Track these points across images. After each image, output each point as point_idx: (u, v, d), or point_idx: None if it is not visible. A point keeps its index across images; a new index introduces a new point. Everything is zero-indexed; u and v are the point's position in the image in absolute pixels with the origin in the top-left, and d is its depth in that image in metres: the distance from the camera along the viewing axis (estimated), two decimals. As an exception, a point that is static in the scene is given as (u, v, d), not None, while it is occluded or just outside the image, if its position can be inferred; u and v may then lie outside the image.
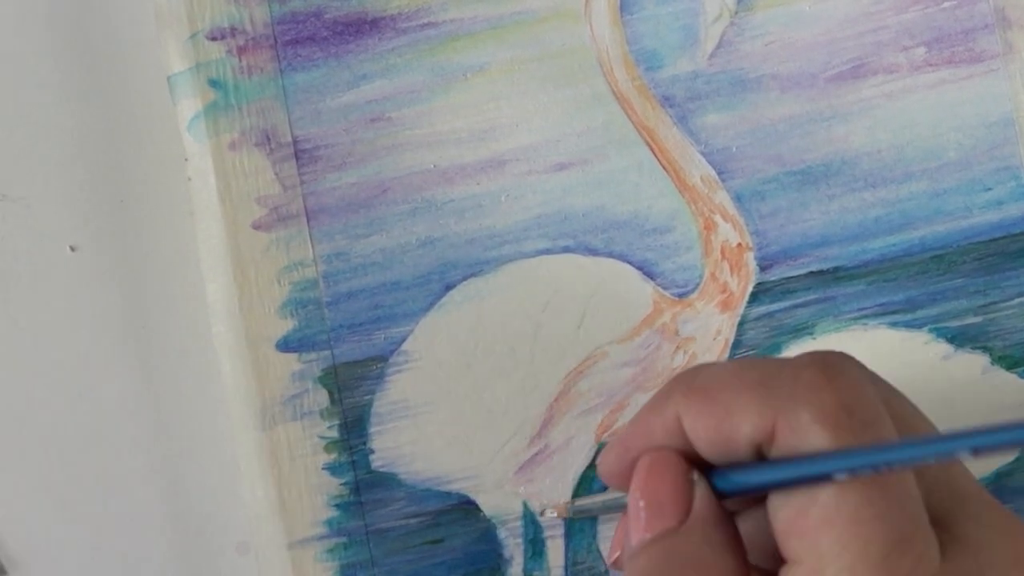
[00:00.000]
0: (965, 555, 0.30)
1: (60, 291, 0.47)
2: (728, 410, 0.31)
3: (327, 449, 0.45)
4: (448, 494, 0.45)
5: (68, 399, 0.47)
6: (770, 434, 0.30)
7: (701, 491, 0.33)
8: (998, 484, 0.45)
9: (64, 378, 0.47)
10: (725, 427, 0.31)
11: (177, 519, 0.47)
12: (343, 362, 0.45)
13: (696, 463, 0.33)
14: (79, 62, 0.47)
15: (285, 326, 0.45)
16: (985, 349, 0.46)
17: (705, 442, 0.32)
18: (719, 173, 0.46)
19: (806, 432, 0.30)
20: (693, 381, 0.32)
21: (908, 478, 0.30)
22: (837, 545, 0.29)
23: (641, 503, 0.33)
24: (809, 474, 0.30)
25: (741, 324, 0.46)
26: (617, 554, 0.35)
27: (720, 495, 0.33)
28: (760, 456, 0.31)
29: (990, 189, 0.46)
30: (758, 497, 0.32)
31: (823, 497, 0.29)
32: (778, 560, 0.31)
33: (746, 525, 0.34)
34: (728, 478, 0.33)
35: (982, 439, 0.28)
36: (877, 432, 0.30)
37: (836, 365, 0.31)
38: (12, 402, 0.46)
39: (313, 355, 0.45)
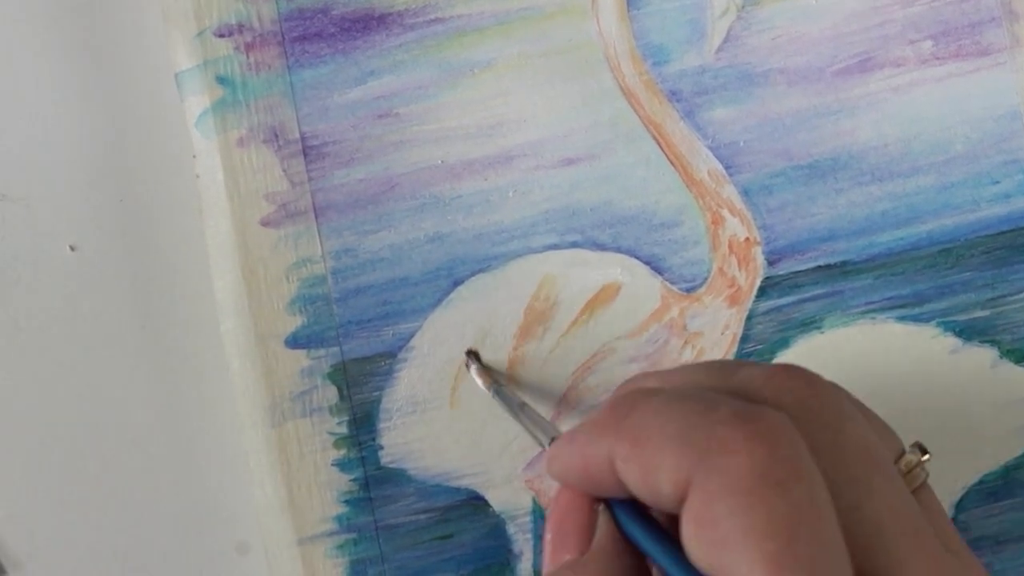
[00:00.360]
0: None
1: (60, 291, 0.47)
2: (651, 464, 0.30)
3: (336, 445, 0.45)
4: (457, 490, 0.45)
5: (68, 400, 0.47)
6: (686, 493, 0.29)
7: (603, 524, 0.33)
8: (1007, 478, 0.45)
9: (64, 379, 0.47)
10: (650, 480, 0.30)
11: (177, 519, 0.47)
12: (352, 358, 0.45)
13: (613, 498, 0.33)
14: (84, 60, 0.47)
15: (294, 322, 0.45)
16: (993, 343, 0.46)
17: (636, 488, 0.31)
18: (726, 167, 0.46)
19: (713, 499, 0.28)
20: (622, 423, 0.31)
21: (828, 544, 0.28)
22: None
23: (548, 535, 0.33)
24: None
25: (749, 318, 0.46)
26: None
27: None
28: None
29: (998, 182, 0.46)
30: None
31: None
32: None
33: None
34: (628, 525, 0.32)
35: None
36: (787, 499, 0.28)
37: (756, 418, 0.29)
38: (12, 402, 0.46)
39: (322, 351, 0.45)
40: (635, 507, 0.32)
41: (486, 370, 0.45)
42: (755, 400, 0.31)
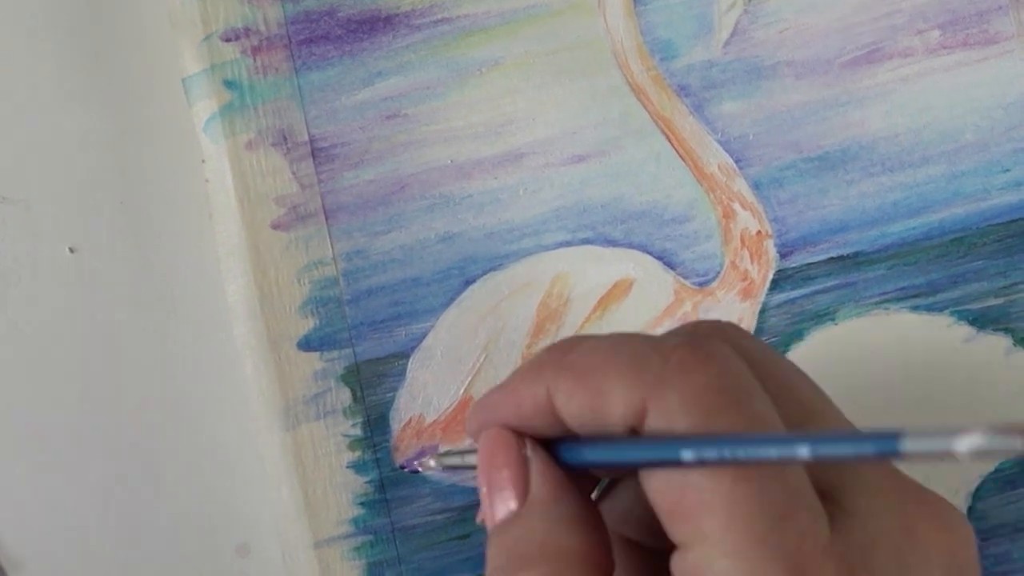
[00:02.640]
0: (854, 526, 0.29)
1: (59, 293, 0.47)
2: (599, 391, 0.30)
3: (351, 447, 0.45)
4: (474, 489, 0.45)
5: (68, 402, 0.46)
6: (641, 416, 0.29)
7: (537, 469, 0.32)
8: (1023, 466, 0.46)
9: (64, 381, 0.47)
10: (597, 407, 0.30)
11: (177, 521, 0.47)
12: (365, 359, 0.45)
13: (544, 438, 0.32)
14: (89, 65, 0.47)
15: (306, 325, 0.45)
16: (1007, 330, 0.46)
17: (578, 420, 0.31)
18: (736, 161, 0.46)
19: (674, 415, 0.29)
20: (565, 357, 0.31)
21: None
22: (719, 529, 0.28)
23: (483, 488, 0.33)
24: (658, 458, 0.29)
25: (762, 312, 0.46)
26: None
27: (572, 468, 0.32)
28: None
29: (1008, 170, 0.46)
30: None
31: (696, 478, 0.28)
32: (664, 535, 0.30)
33: (629, 494, 0.34)
34: (575, 452, 0.32)
35: (831, 447, 0.26)
36: (747, 412, 0.29)
37: (706, 345, 0.30)
38: (12, 403, 0.46)
39: (335, 353, 0.45)
40: (571, 439, 0.32)
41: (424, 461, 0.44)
42: None
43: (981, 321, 0.46)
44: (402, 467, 0.45)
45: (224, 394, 0.47)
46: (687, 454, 0.28)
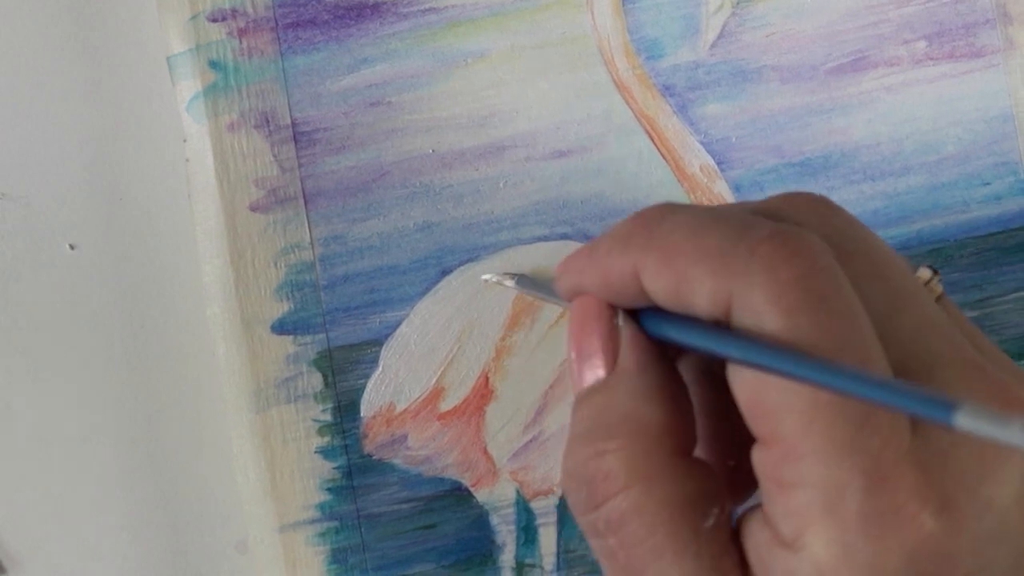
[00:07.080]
0: (933, 432, 0.28)
1: (59, 290, 0.47)
2: (685, 276, 0.30)
3: (320, 432, 0.45)
4: (441, 480, 0.45)
5: (68, 399, 0.46)
6: (726, 309, 0.29)
7: (626, 338, 0.32)
8: None
9: (64, 378, 0.46)
10: (682, 293, 0.30)
11: (177, 518, 0.47)
12: (338, 345, 0.45)
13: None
14: (80, 53, 0.47)
15: (281, 308, 0.45)
16: (981, 344, 0.46)
17: (663, 298, 0.31)
18: (718, 163, 0.46)
19: (760, 313, 0.28)
20: (653, 232, 0.31)
21: (872, 349, 0.29)
22: (799, 432, 0.28)
23: (573, 354, 0.33)
24: (743, 358, 0.29)
25: (737, 314, 0.45)
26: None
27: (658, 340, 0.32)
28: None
29: (988, 184, 0.46)
30: None
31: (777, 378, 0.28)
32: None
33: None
34: (659, 325, 0.32)
35: (887, 396, 0.27)
36: (830, 312, 0.28)
37: (793, 239, 0.29)
38: (12, 401, 0.46)
39: (308, 338, 0.45)
40: (659, 311, 0.32)
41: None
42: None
43: (955, 333, 0.46)
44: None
45: (222, 392, 0.46)
46: (768, 361, 0.28)
